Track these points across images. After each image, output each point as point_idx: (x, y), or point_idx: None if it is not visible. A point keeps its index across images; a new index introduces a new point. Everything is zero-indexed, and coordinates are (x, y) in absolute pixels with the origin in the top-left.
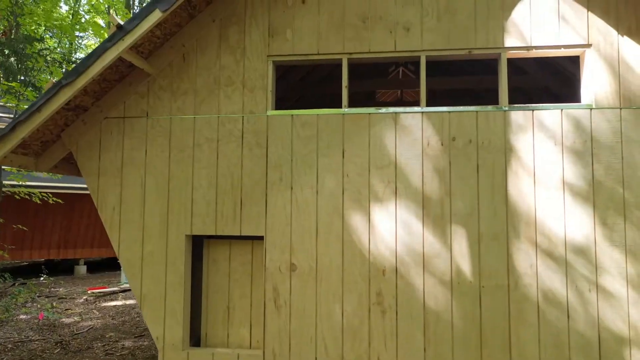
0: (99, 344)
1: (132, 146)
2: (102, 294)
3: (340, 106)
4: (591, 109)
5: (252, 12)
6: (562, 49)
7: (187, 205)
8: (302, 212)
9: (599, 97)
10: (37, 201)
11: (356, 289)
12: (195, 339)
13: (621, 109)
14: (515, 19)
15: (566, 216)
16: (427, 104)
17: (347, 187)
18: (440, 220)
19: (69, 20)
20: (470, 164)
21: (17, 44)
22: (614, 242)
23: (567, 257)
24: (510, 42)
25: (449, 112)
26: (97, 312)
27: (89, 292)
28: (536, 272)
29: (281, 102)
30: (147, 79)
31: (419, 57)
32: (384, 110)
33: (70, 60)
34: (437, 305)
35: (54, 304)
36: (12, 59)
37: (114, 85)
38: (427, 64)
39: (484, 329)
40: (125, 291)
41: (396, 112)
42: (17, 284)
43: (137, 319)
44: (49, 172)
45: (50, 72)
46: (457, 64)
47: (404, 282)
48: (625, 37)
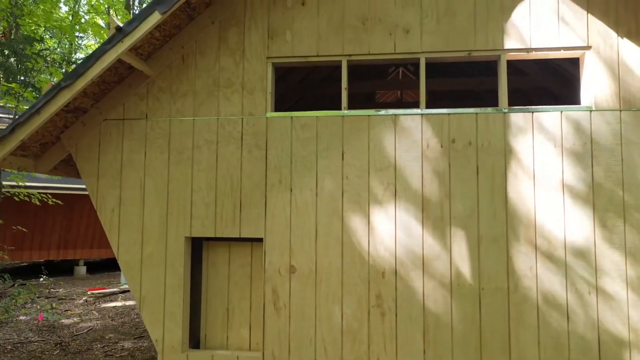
0: (99, 345)
1: (131, 148)
2: (101, 295)
3: (340, 107)
4: (591, 111)
5: (252, 13)
6: (562, 51)
7: (187, 207)
8: (301, 214)
9: (599, 99)
10: (37, 202)
11: (356, 291)
12: (194, 341)
13: (621, 111)
14: (514, 21)
15: (566, 218)
16: (428, 105)
17: (347, 189)
18: (439, 222)
19: (69, 21)
20: (469, 166)
21: (17, 44)
22: (613, 244)
23: (567, 260)
24: (509, 43)
25: (448, 114)
26: (97, 313)
27: (89, 293)
28: (536, 274)
29: (281, 101)
30: (146, 81)
31: (418, 59)
32: (384, 112)
33: (70, 60)
34: (437, 307)
35: (54, 305)
36: (12, 60)
37: (113, 87)
38: (427, 65)
39: (484, 332)
40: (124, 292)
41: (396, 114)
42: (16, 285)
43: (137, 320)
44: (48, 174)
45: (50, 73)
46: (458, 65)
47: (403, 285)
48: (625, 39)
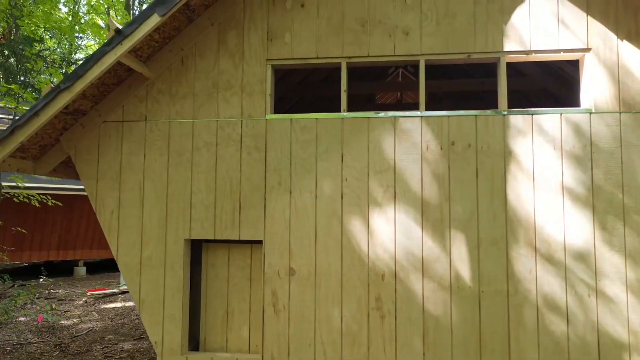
0: (98, 347)
1: (130, 150)
2: (101, 296)
3: (339, 108)
4: (590, 113)
5: (251, 15)
6: (562, 53)
7: (186, 209)
8: (301, 216)
9: (599, 101)
10: (36, 204)
11: (355, 293)
12: (194, 344)
13: (620, 113)
14: (514, 23)
15: (565, 221)
16: (428, 106)
17: (346, 191)
18: (439, 224)
19: (69, 21)
20: (469, 168)
21: (17, 45)
22: (613, 246)
23: (567, 262)
24: (509, 46)
25: (448, 116)
26: (97, 314)
27: (88, 294)
28: (535, 277)
29: (281, 102)
30: (145, 83)
31: (418, 61)
32: (383, 114)
33: (70, 61)
34: (436, 310)
35: (53, 306)
36: (11, 60)
37: (112, 89)
38: (427, 66)
39: (483, 334)
40: (124, 293)
41: (395, 117)
42: (16, 286)
43: (136, 321)
44: (47, 176)
45: (49, 74)
46: (458, 66)
47: (403, 287)
48: (624, 41)
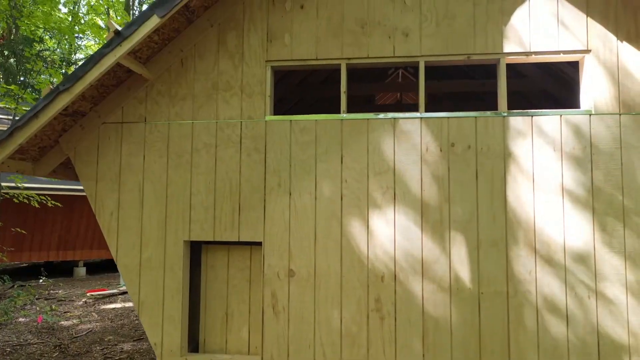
0: (98, 348)
1: (130, 151)
2: (101, 297)
3: (339, 109)
4: (590, 114)
5: (251, 16)
6: (562, 55)
7: (185, 210)
8: (300, 217)
9: (599, 102)
10: (36, 205)
11: (355, 295)
12: (193, 345)
13: (620, 115)
14: (514, 24)
15: (565, 222)
16: (428, 107)
17: (346, 192)
18: (439, 226)
19: (68, 22)
20: (469, 169)
21: (17, 45)
22: (613, 248)
23: (567, 264)
24: (509, 47)
25: (447, 117)
26: (96, 315)
27: (88, 294)
28: (535, 278)
29: (280, 103)
30: (145, 84)
31: (417, 63)
32: (383, 115)
33: (69, 61)
34: (436, 311)
35: (53, 307)
36: (11, 60)
37: (112, 90)
38: (427, 68)
39: (483, 336)
40: (124, 293)
41: (395, 118)
42: (16, 286)
43: (136, 322)
44: (47, 177)
45: (49, 74)
46: (459, 67)
47: (402, 289)
48: (624, 42)
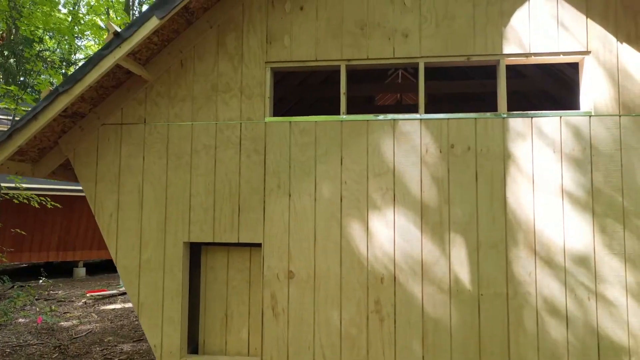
0: (98, 348)
1: (129, 153)
2: (100, 297)
3: (339, 109)
4: (590, 116)
5: (250, 18)
6: (561, 56)
7: (185, 212)
8: (300, 219)
9: (598, 104)
10: (36, 205)
11: (354, 296)
12: (193, 347)
13: (620, 117)
14: (514, 26)
15: (565, 224)
16: (428, 107)
17: (345, 194)
18: (438, 227)
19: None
20: (469, 171)
21: (16, 45)
22: (613, 250)
23: (566, 265)
24: (509, 48)
25: (447, 119)
26: (96, 316)
27: (88, 295)
28: (535, 280)
29: (280, 104)
30: (144, 86)
31: (417, 64)
32: (382, 117)
33: (69, 61)
34: (436, 313)
35: (53, 307)
36: (11, 61)
37: (111, 91)
38: (428, 68)
39: (483, 337)
40: (123, 294)
41: (394, 119)
42: (15, 287)
43: (136, 322)
44: (46, 178)
45: (49, 75)
46: (459, 68)
47: (402, 290)
48: (624, 44)
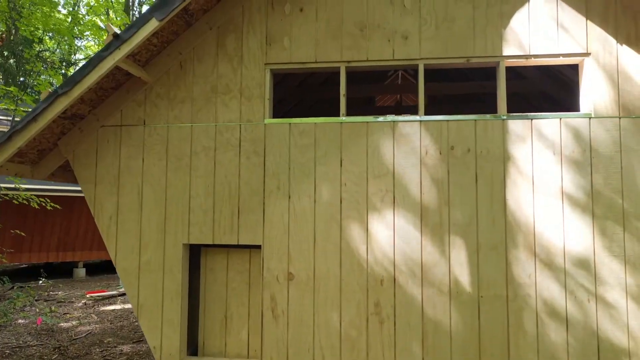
0: (97, 350)
1: (129, 154)
2: (100, 298)
3: (338, 110)
4: (590, 118)
5: (250, 19)
6: (561, 58)
7: (185, 214)
8: (299, 221)
9: (598, 106)
10: (35, 206)
11: (354, 298)
12: (192, 349)
13: (620, 118)
14: (513, 27)
15: (565, 226)
16: (428, 109)
17: (345, 196)
18: (438, 229)
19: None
20: (468, 173)
21: (16, 46)
22: (613, 252)
23: (566, 267)
24: (508, 50)
25: (447, 120)
26: (96, 317)
27: (88, 296)
28: (535, 282)
29: (280, 105)
30: (144, 87)
31: (417, 65)
32: (382, 119)
33: (69, 62)
34: (436, 315)
35: (53, 308)
36: (11, 61)
37: (110, 93)
38: (427, 70)
39: (483, 339)
40: (123, 295)
41: (394, 121)
42: (15, 288)
43: (136, 323)
44: (45, 180)
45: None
46: (459, 69)
47: (402, 292)
48: (624, 45)
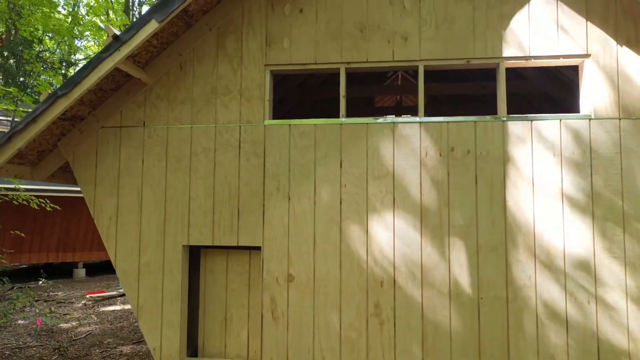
0: (97, 350)
1: (128, 156)
2: (100, 298)
3: (338, 111)
4: (590, 119)
5: (250, 20)
6: (561, 59)
7: (184, 215)
8: (299, 222)
9: (598, 107)
10: (35, 207)
11: (354, 300)
12: (192, 350)
13: (620, 120)
14: (513, 29)
15: (565, 227)
16: (429, 109)
17: (345, 197)
18: (438, 231)
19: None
20: (468, 174)
21: (16, 46)
22: (613, 253)
23: (566, 269)
24: (508, 51)
25: (447, 122)
26: (96, 317)
27: (88, 296)
28: (535, 283)
29: (280, 105)
30: (143, 88)
31: (417, 67)
32: (382, 120)
33: (69, 62)
34: (436, 316)
35: (53, 309)
36: (11, 61)
37: (110, 94)
38: (427, 71)
39: (483, 341)
40: (123, 295)
41: (394, 122)
42: (15, 288)
43: (135, 324)
44: (45, 181)
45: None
46: (459, 70)
47: (402, 294)
48: (624, 47)
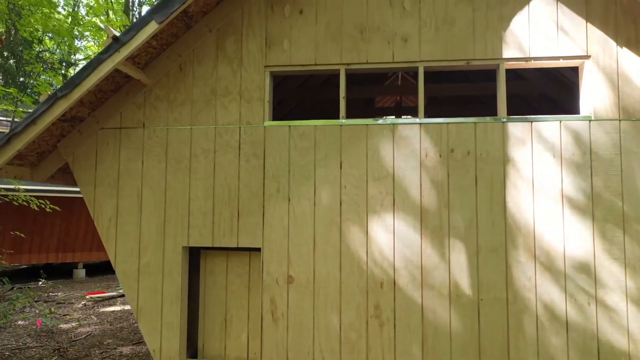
0: (97, 351)
1: (128, 157)
2: (100, 299)
3: (339, 111)
4: (590, 120)
5: (249, 22)
6: (561, 60)
7: (184, 216)
8: (299, 223)
9: (598, 108)
10: (35, 207)
11: (354, 301)
12: (192, 351)
13: (620, 121)
14: (513, 30)
15: (565, 229)
16: (429, 110)
17: (345, 198)
18: (438, 232)
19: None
20: (468, 175)
21: (16, 47)
22: (613, 255)
23: (566, 270)
24: (508, 53)
25: (447, 123)
26: (95, 318)
27: (88, 297)
28: (535, 284)
29: (280, 106)
30: (143, 90)
31: (417, 68)
32: (382, 121)
33: (69, 62)
34: (436, 318)
35: (52, 310)
36: (11, 62)
37: (110, 95)
38: (428, 72)
39: (483, 342)
40: (123, 296)
41: (394, 124)
42: (15, 289)
43: (135, 325)
44: (45, 182)
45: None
46: (459, 71)
47: (402, 295)
48: (624, 48)
